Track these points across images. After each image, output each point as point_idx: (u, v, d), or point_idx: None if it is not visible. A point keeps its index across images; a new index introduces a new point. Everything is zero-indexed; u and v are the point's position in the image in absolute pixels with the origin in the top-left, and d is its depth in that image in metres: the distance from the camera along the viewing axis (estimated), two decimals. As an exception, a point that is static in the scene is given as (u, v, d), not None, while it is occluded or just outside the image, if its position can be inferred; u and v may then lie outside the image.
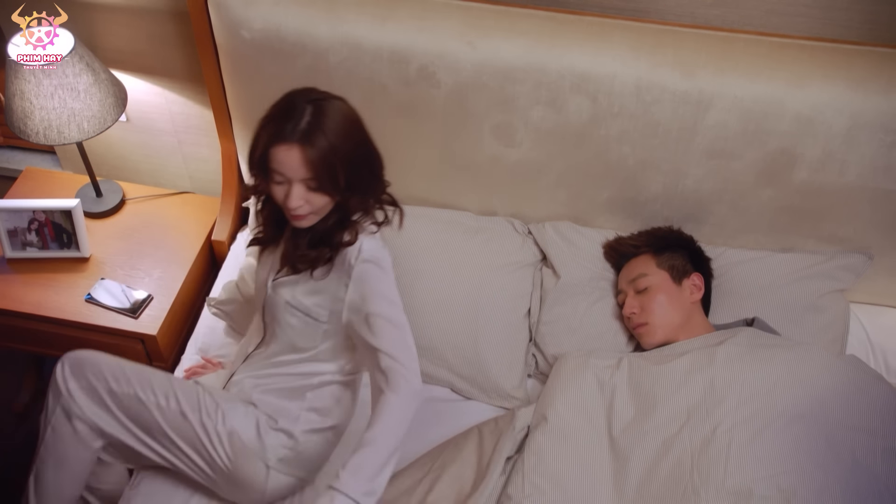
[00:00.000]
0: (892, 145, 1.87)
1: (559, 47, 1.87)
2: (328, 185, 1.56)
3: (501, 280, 2.10)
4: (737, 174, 1.99)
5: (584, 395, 1.81)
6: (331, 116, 1.56)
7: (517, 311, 2.10)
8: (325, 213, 1.64)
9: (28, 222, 2.20)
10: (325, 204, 1.61)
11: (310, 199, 1.58)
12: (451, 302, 2.06)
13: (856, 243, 2.10)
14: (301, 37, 1.92)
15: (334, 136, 1.54)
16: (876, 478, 1.64)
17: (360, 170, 1.61)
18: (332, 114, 1.56)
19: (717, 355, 1.79)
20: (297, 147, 1.53)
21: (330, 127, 1.54)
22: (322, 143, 1.53)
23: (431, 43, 1.90)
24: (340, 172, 1.56)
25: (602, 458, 1.73)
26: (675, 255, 2.02)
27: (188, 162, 2.53)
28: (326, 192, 1.58)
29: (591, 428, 1.77)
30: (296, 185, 1.56)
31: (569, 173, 2.08)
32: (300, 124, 1.53)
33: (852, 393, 1.73)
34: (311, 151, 1.53)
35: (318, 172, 1.54)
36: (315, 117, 1.54)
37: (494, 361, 2.03)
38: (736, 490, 1.57)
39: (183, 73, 2.27)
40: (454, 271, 2.09)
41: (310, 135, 1.53)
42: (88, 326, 2.16)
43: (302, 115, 1.54)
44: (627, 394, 1.80)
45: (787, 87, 1.84)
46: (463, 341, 2.04)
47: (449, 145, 2.07)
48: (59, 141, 2.05)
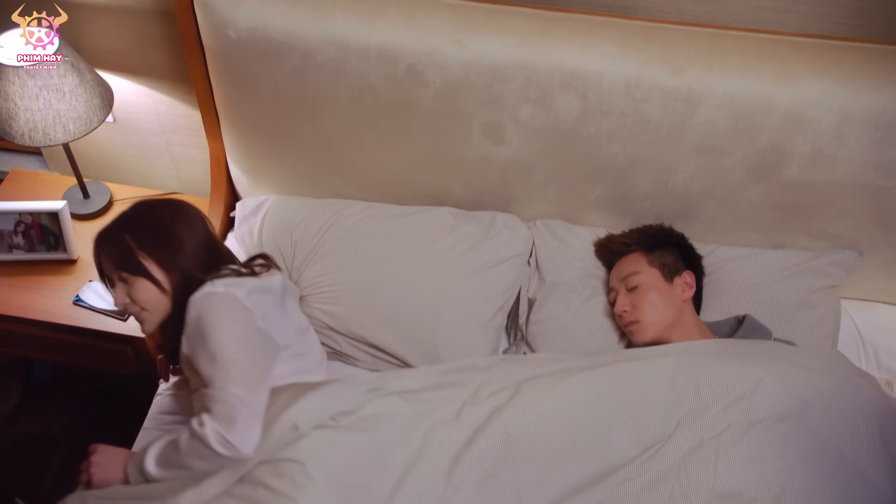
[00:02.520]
0: (881, 141, 1.86)
1: (548, 45, 1.87)
2: (135, 268, 1.67)
3: (468, 283, 2.06)
4: (727, 171, 1.99)
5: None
6: (131, 214, 1.75)
7: (484, 314, 2.06)
8: (162, 309, 1.71)
9: (14, 224, 2.18)
10: (150, 296, 1.69)
11: (131, 293, 1.69)
12: (413, 306, 2.02)
13: (846, 240, 2.10)
14: (288, 36, 1.90)
15: (135, 223, 1.72)
16: (862, 473, 1.64)
17: (169, 251, 1.70)
18: (137, 212, 1.76)
19: (697, 362, 1.79)
20: (99, 244, 1.72)
21: (131, 219, 1.74)
22: (115, 231, 1.71)
23: (419, 41, 1.89)
24: (142, 253, 1.68)
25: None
26: (666, 253, 2.01)
27: (176, 162, 2.51)
28: (137, 274, 1.67)
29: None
30: (115, 284, 1.72)
31: (558, 171, 2.07)
32: (105, 227, 1.74)
33: (834, 390, 1.73)
34: (105, 242, 1.71)
35: (116, 259, 1.68)
36: (116, 219, 1.75)
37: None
38: (726, 492, 1.57)
39: (170, 73, 2.25)
40: (417, 277, 2.05)
41: (105, 232, 1.73)
42: (76, 329, 2.14)
43: (110, 222, 1.75)
44: (610, 399, 1.77)
45: (777, 83, 1.83)
46: (426, 350, 2.01)
47: (438, 144, 2.06)
48: (44, 142, 2.03)
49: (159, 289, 1.68)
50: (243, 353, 1.59)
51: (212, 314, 1.61)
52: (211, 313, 1.61)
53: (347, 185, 2.23)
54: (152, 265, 1.68)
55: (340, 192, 2.23)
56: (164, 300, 1.69)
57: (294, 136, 2.13)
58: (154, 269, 1.68)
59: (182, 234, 1.72)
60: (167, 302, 1.69)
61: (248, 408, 1.53)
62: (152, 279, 1.67)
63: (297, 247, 2.15)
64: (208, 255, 1.75)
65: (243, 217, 2.28)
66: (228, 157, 2.31)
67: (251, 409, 1.54)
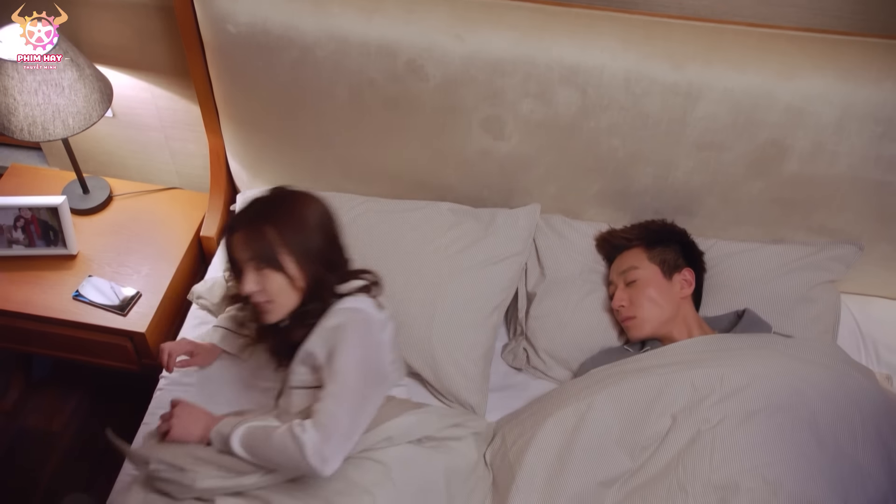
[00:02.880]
0: (882, 136, 1.86)
1: (548, 39, 1.86)
2: (274, 263, 1.64)
3: (465, 280, 2.05)
4: (727, 166, 1.99)
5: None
6: (276, 203, 1.72)
7: (479, 312, 2.05)
8: (288, 303, 1.69)
9: (14, 220, 2.18)
10: (281, 289, 1.66)
11: (262, 283, 1.66)
12: (408, 302, 2.02)
13: (846, 234, 2.10)
14: (287, 31, 1.90)
15: (279, 215, 1.68)
16: (858, 465, 1.64)
17: (309, 249, 1.68)
18: (279, 201, 1.73)
19: (693, 360, 1.79)
20: (240, 231, 1.68)
21: (275, 209, 1.70)
22: (260, 222, 1.67)
23: (419, 36, 1.88)
24: (282, 250, 1.65)
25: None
26: (666, 249, 2.01)
27: (176, 157, 2.51)
28: (273, 268, 1.64)
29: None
30: (245, 270, 1.67)
31: (558, 166, 2.07)
32: (248, 212, 1.72)
33: (831, 383, 1.73)
34: (250, 231, 1.67)
35: (258, 252, 1.65)
36: (260, 205, 1.72)
37: (454, 371, 1.99)
38: (722, 484, 1.57)
39: (169, 67, 2.25)
40: (413, 273, 2.05)
41: (251, 219, 1.69)
42: (76, 324, 2.14)
43: (252, 204, 1.73)
44: (608, 408, 1.77)
45: (777, 78, 1.83)
46: (420, 348, 2.01)
47: (438, 139, 2.06)
48: (43, 137, 2.03)
49: (292, 285, 1.67)
50: (365, 384, 1.61)
51: (353, 332, 1.63)
52: (353, 331, 1.63)
53: (347, 180, 2.23)
54: (290, 262, 1.66)
55: (340, 187, 2.23)
56: (294, 297, 1.69)
57: (293, 131, 2.13)
58: (291, 265, 1.66)
59: (323, 234, 1.73)
60: (296, 299, 1.69)
61: (346, 435, 1.55)
62: (288, 276, 1.66)
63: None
64: (336, 256, 1.76)
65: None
66: (228, 152, 2.31)
67: (349, 437, 1.56)
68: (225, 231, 1.72)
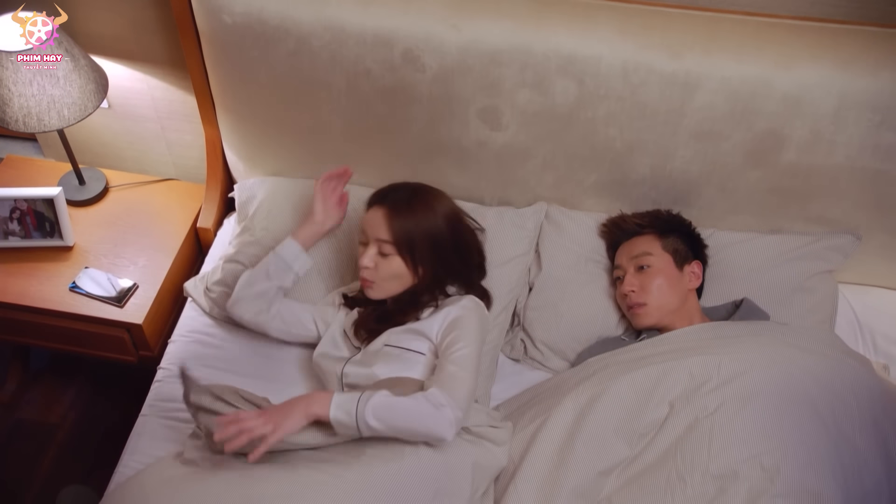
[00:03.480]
0: (880, 125, 1.86)
1: (545, 29, 1.85)
2: (404, 251, 1.77)
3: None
4: (724, 156, 1.98)
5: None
6: (424, 197, 1.84)
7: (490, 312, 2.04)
8: (393, 289, 1.82)
9: (10, 211, 2.18)
10: (393, 275, 1.79)
11: (379, 264, 1.78)
12: None
13: (844, 224, 2.10)
14: (283, 21, 1.89)
15: (422, 211, 1.80)
16: (857, 450, 1.65)
17: (443, 251, 1.81)
18: (427, 196, 1.85)
19: (691, 348, 1.80)
20: (383, 209, 1.80)
21: (420, 203, 1.81)
22: (405, 210, 1.79)
23: (416, 26, 1.87)
24: (419, 245, 1.78)
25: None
26: (678, 240, 2.01)
27: (172, 148, 2.50)
28: (399, 253, 1.77)
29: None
30: (371, 245, 1.80)
31: (556, 156, 2.06)
32: (397, 194, 1.83)
33: (828, 370, 1.74)
34: (394, 215, 1.78)
35: (395, 236, 1.77)
36: (410, 193, 1.83)
37: None
38: (721, 473, 1.57)
39: (165, 58, 2.24)
40: None
41: (398, 202, 1.80)
42: (73, 316, 2.14)
43: (401, 189, 1.85)
44: (607, 399, 1.77)
45: (775, 67, 1.83)
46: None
47: (434, 130, 2.05)
48: (38, 128, 2.02)
49: (407, 275, 1.80)
50: (479, 366, 1.72)
51: (476, 320, 1.77)
52: (476, 319, 1.77)
53: (344, 171, 2.22)
54: (419, 255, 1.79)
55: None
56: (403, 284, 1.82)
57: (290, 122, 2.13)
58: (418, 259, 1.79)
59: (459, 242, 1.86)
60: (403, 286, 1.82)
61: (465, 408, 1.62)
62: (408, 266, 1.79)
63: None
64: (464, 266, 1.89)
65: (242, 199, 2.27)
66: (224, 143, 2.30)
67: (466, 410, 1.63)
68: (369, 201, 1.86)
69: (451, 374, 1.65)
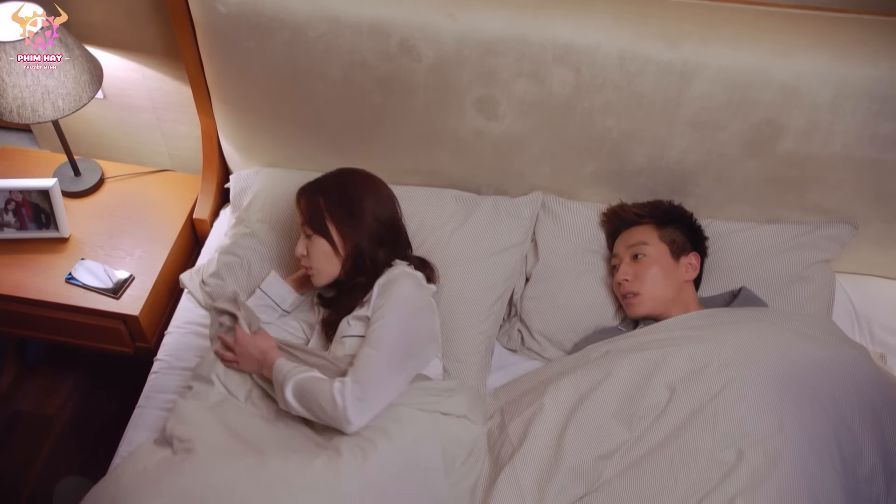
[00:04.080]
0: (877, 114, 1.86)
1: (541, 18, 1.85)
2: (319, 227, 1.84)
3: (469, 270, 2.06)
4: (722, 145, 1.98)
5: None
6: (334, 175, 1.93)
7: (484, 302, 2.05)
8: (330, 269, 1.87)
9: (5, 202, 2.17)
10: (323, 255, 1.85)
11: (309, 249, 1.86)
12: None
13: (841, 213, 2.10)
14: (278, 11, 1.88)
15: (331, 188, 1.88)
16: (854, 438, 1.65)
17: (360, 221, 1.85)
18: (338, 174, 1.94)
19: (691, 334, 1.80)
20: (299, 196, 1.90)
21: (330, 182, 1.90)
22: (314, 189, 1.88)
23: (412, 15, 1.86)
24: (332, 217, 1.84)
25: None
26: (676, 230, 2.01)
27: (167, 139, 2.49)
28: (319, 234, 1.84)
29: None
30: (301, 233, 1.89)
31: (552, 146, 2.06)
32: (310, 182, 1.92)
33: (826, 357, 1.74)
34: (303, 196, 1.89)
35: (305, 215, 1.86)
36: (322, 176, 1.93)
37: (453, 365, 1.98)
38: (724, 459, 1.58)
39: (160, 48, 2.22)
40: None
41: (308, 185, 1.91)
42: (69, 307, 2.13)
43: (316, 179, 1.93)
44: (606, 385, 1.78)
45: (772, 56, 1.82)
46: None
47: (431, 120, 2.05)
48: (33, 119, 2.01)
49: (334, 252, 1.85)
50: (407, 345, 1.74)
51: (401, 290, 1.77)
52: (401, 288, 1.77)
53: (340, 162, 2.19)
54: (333, 229, 1.85)
55: (332, 168, 2.21)
56: (336, 263, 1.87)
57: (286, 113, 2.12)
58: (335, 233, 1.85)
59: (367, 207, 1.87)
60: (337, 265, 1.87)
61: (381, 391, 1.66)
62: (331, 241, 1.85)
63: (292, 219, 2.14)
64: (387, 232, 1.89)
65: (237, 189, 2.27)
66: (220, 134, 2.29)
67: (382, 394, 1.66)
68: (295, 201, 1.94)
69: (363, 359, 1.67)
